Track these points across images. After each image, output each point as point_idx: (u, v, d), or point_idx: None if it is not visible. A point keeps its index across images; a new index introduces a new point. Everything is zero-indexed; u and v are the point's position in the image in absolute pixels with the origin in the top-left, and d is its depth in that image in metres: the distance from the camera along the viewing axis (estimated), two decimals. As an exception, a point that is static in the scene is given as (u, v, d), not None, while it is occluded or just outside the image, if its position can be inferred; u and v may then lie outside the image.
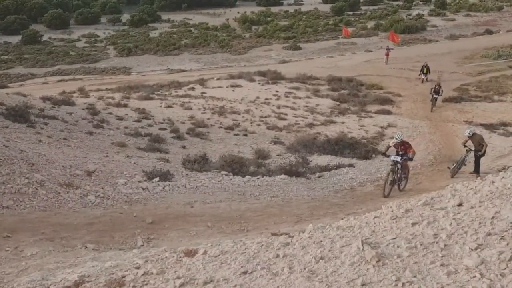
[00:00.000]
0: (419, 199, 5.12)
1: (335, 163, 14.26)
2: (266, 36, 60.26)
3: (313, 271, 3.72)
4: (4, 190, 8.12)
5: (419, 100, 26.16)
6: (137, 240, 7.39)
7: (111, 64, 50.00)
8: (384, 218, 4.69)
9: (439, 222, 4.22)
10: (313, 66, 37.62)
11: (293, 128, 19.43)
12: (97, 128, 15.18)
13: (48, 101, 17.57)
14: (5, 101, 14.63)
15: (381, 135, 18.73)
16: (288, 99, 25.15)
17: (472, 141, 13.46)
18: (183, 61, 50.05)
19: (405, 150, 11.92)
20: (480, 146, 13.37)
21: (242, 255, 4.37)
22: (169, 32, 64.69)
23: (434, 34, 55.99)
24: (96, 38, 62.99)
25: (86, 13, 73.41)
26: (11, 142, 10.46)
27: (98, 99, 21.66)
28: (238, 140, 17.11)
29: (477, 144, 13.36)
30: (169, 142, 15.29)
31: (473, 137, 13.46)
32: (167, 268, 4.46)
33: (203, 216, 8.95)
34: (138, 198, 9.37)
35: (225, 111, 21.32)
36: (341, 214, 9.64)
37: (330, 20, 68.11)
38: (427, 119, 21.96)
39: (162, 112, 20.28)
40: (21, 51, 56.22)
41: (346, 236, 4.36)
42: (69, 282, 4.80)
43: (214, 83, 28.77)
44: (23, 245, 6.45)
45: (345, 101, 25.51)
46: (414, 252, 3.72)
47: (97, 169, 10.23)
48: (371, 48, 49.21)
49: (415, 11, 70.43)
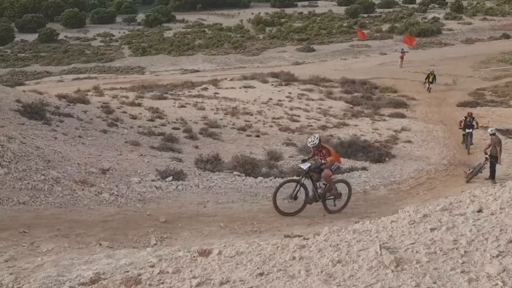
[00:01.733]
0: (437, 204, 5.06)
1: (348, 166, 14.17)
2: (279, 38, 60.28)
3: (331, 275, 3.69)
4: (21, 186, 8.21)
5: (433, 104, 25.94)
6: (151, 238, 7.41)
7: (126, 63, 50.42)
8: (401, 222, 4.64)
9: (458, 228, 4.16)
10: (327, 68, 37.52)
11: (306, 130, 19.35)
12: (111, 127, 15.27)
13: (63, 99, 17.72)
14: (21, 98, 14.79)
15: (395, 138, 18.57)
16: (301, 101, 25.08)
17: (492, 140, 13.61)
18: (197, 61, 50.26)
19: (324, 157, 9.91)
20: (495, 149, 13.38)
21: (258, 256, 4.35)
22: (183, 32, 65.05)
23: (450, 38, 55.50)
24: (111, 38, 63.61)
25: (101, 12, 74.19)
26: (28, 139, 10.56)
27: (113, 98, 21.80)
28: (250, 141, 17.10)
29: (493, 146, 13.43)
30: (182, 142, 15.32)
31: (493, 137, 13.61)
32: (182, 267, 4.46)
33: (216, 216, 8.95)
34: (151, 197, 9.40)
35: (238, 112, 21.32)
36: (354, 217, 9.57)
37: (344, 22, 67.91)
38: (441, 124, 21.75)
39: (175, 111, 20.35)
40: (38, 49, 56.98)
41: (363, 240, 4.32)
42: (84, 278, 4.83)
43: (227, 84, 28.81)
44: (39, 240, 6.50)
45: (358, 103, 25.37)
46: (433, 258, 3.67)
47: (111, 167, 10.29)
48: (385, 51, 48.96)
49: (431, 14, 69.87)
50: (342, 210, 9.98)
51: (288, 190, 9.49)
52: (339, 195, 9.96)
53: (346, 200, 10.08)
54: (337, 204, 9.94)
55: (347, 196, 10.13)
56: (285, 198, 9.41)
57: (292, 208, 9.39)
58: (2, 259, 5.67)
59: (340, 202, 10.00)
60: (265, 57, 51.43)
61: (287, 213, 9.30)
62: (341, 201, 10.00)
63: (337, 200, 9.94)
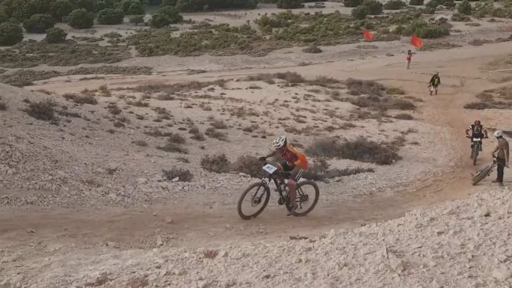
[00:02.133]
0: (444, 208, 5.04)
1: (354, 168, 14.15)
2: (286, 38, 60.30)
3: (337, 278, 3.68)
4: (29, 186, 8.26)
5: (441, 106, 25.82)
6: (157, 239, 7.43)
7: (133, 63, 50.64)
8: (408, 226, 4.62)
9: (466, 232, 4.14)
10: (333, 69, 37.46)
11: (312, 131, 19.34)
12: (118, 127, 15.34)
13: (71, 99, 17.82)
14: (29, 98, 14.88)
15: (402, 140, 18.51)
16: (307, 102, 25.07)
17: (499, 143, 13.58)
18: (203, 62, 50.38)
19: (291, 161, 9.32)
20: (502, 152, 13.34)
21: (264, 258, 4.35)
22: (190, 33, 65.26)
23: (458, 39, 55.27)
24: (119, 38, 63.93)
25: (109, 12, 74.58)
26: (36, 138, 10.63)
27: (119, 98, 21.90)
28: (256, 141, 17.10)
29: (500, 148, 13.38)
30: (188, 142, 15.36)
31: (500, 140, 13.57)
32: (188, 268, 4.47)
33: (222, 217, 8.96)
34: (158, 197, 9.43)
35: (244, 113, 21.34)
36: (360, 219, 9.55)
37: (351, 23, 67.79)
38: (449, 125, 21.65)
39: (181, 112, 20.40)
40: (46, 49, 57.36)
41: (369, 243, 4.31)
42: (91, 279, 4.86)
43: (233, 85, 28.85)
44: (46, 240, 6.54)
45: (365, 105, 25.32)
46: (440, 262, 3.65)
47: (118, 168, 10.33)
48: (392, 52, 48.83)
49: (438, 16, 69.57)
50: (308, 212, 9.65)
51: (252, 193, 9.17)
52: (305, 198, 9.63)
53: (313, 203, 9.76)
54: (303, 207, 9.63)
55: (314, 198, 9.79)
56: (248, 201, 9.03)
57: (252, 211, 9.05)
58: (10, 259, 5.71)
59: (307, 205, 9.67)
60: (271, 57, 51.45)
61: (248, 216, 8.96)
62: (308, 203, 9.68)
63: (303, 203, 9.61)
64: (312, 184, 10.18)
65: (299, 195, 9.53)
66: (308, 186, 9.93)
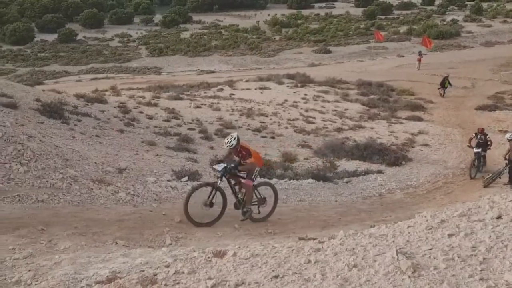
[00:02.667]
0: (455, 210, 5.00)
1: (364, 169, 14.08)
2: (296, 39, 60.26)
3: (346, 279, 3.67)
4: (40, 184, 8.33)
5: (451, 107, 25.63)
6: (166, 238, 7.46)
7: (143, 63, 50.93)
8: (418, 228, 4.60)
9: (477, 234, 4.10)
10: (343, 70, 37.35)
11: (321, 132, 19.29)
12: (128, 126, 15.43)
13: (81, 99, 17.96)
14: (41, 97, 15.02)
15: (412, 142, 18.39)
16: (316, 103, 25.02)
17: (510, 145, 13.33)
18: (213, 62, 50.52)
19: (244, 159, 8.54)
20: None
21: (273, 259, 4.35)
22: (199, 33, 65.46)
23: (469, 40, 54.83)
24: (129, 38, 64.32)
25: (120, 13, 75.06)
26: (47, 137, 10.72)
27: (129, 98, 22.03)
28: (265, 142, 17.10)
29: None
30: (197, 142, 15.40)
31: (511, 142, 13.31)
32: (197, 268, 4.48)
33: (230, 217, 8.93)
34: (167, 197, 9.46)
35: (253, 113, 21.36)
36: (369, 221, 9.51)
37: (361, 24, 67.55)
38: (459, 127, 21.47)
39: (191, 112, 20.47)
40: (57, 49, 57.90)
41: (379, 244, 4.29)
42: (101, 277, 4.88)
43: (242, 85, 28.89)
44: (57, 238, 6.59)
45: (375, 106, 25.19)
46: (451, 264, 3.62)
47: (128, 167, 10.39)
48: (403, 53, 48.59)
49: (450, 17, 69.07)
50: (268, 217, 8.92)
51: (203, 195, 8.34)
52: (263, 201, 8.85)
53: (273, 206, 9.03)
54: (262, 211, 8.84)
55: (273, 201, 9.04)
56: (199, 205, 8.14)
57: (207, 217, 8.18)
58: (21, 256, 5.76)
59: (266, 209, 8.91)
60: (281, 58, 51.44)
61: (201, 223, 8.09)
62: (267, 207, 8.93)
63: (262, 207, 8.84)
64: (269, 184, 9.49)
65: (256, 198, 8.78)
66: (266, 187, 9.16)
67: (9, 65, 51.24)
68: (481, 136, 14.75)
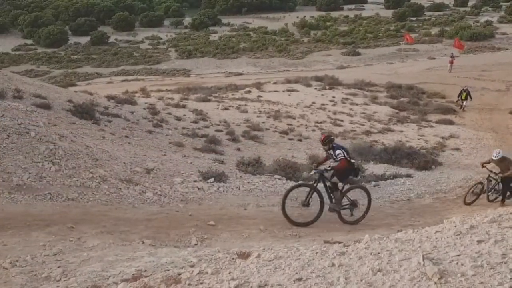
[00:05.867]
0: (485, 216, 4.86)
1: (392, 173, 13.85)
2: (324, 41, 59.88)
3: (370, 284, 3.61)
4: (70, 183, 8.55)
5: (484, 111, 24.95)
6: (192, 238, 7.53)
7: (172, 66, 51.58)
8: (446, 233, 4.48)
9: (507, 241, 3.97)
10: (372, 72, 36.88)
11: (349, 135, 19.10)
12: (157, 128, 15.65)
13: (112, 100, 18.34)
14: (73, 98, 15.43)
15: (442, 145, 18.00)
16: (344, 105, 24.80)
17: (500, 166, 11.32)
18: (241, 64, 50.72)
19: None
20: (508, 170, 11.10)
21: (297, 261, 4.32)
22: (228, 36, 65.85)
23: (504, 42, 53.25)
24: (159, 40, 65.30)
25: (150, 16, 76.36)
26: (78, 137, 11.00)
27: (158, 100, 22.36)
28: (292, 144, 17.05)
29: (505, 169, 11.16)
30: (224, 144, 15.48)
31: (501, 162, 11.20)
32: (221, 268, 4.50)
33: (256, 219, 8.98)
34: (193, 198, 9.55)
35: (280, 115, 21.33)
36: (397, 225, 9.35)
37: (391, 25, 66.58)
38: (493, 131, 20.89)
39: (218, 114, 20.61)
40: (89, 52, 59.32)
41: (405, 249, 4.20)
42: (127, 275, 4.98)
43: (270, 87, 28.89)
44: (86, 236, 6.75)
45: (404, 109, 24.79)
46: (480, 271, 3.52)
47: (155, 167, 10.54)
48: (434, 55, 47.63)
49: (484, 18, 67.30)
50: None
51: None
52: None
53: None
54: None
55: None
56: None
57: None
58: (51, 252, 5.93)
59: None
60: (309, 60, 51.20)
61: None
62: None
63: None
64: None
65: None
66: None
67: (43, 67, 52.79)
68: None
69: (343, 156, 8.94)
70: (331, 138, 9.31)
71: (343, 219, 9.17)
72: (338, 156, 8.94)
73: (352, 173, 9.34)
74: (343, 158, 8.93)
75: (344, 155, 8.98)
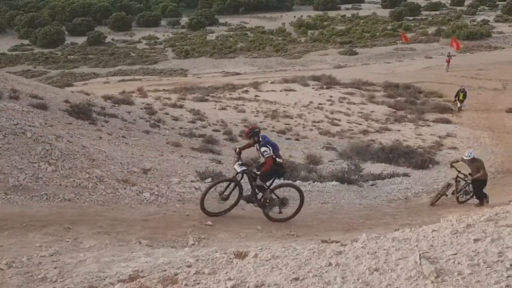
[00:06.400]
0: (482, 214, 4.86)
1: (389, 172, 13.87)
2: (321, 41, 59.96)
3: (367, 283, 3.61)
4: (67, 183, 8.52)
5: (481, 110, 25.00)
6: (189, 239, 7.51)
7: (169, 65, 51.54)
8: (443, 232, 4.49)
9: (504, 240, 3.98)
10: (369, 71, 36.94)
11: (346, 134, 19.11)
12: (154, 128, 15.62)
13: (109, 100, 18.30)
14: (70, 98, 15.38)
15: (439, 144, 18.02)
16: (342, 105, 24.81)
17: (470, 167, 11.11)
18: (238, 64, 50.71)
19: None
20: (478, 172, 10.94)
21: (294, 261, 4.32)
22: (225, 35, 65.85)
23: (501, 41, 53.41)
24: (156, 40, 65.27)
25: (147, 15, 76.30)
26: (74, 138, 10.96)
27: (156, 100, 22.33)
28: (289, 144, 17.04)
29: (476, 170, 10.97)
30: (221, 144, 15.47)
31: (472, 163, 11.01)
32: (218, 268, 4.49)
33: (253, 218, 8.96)
34: (190, 198, 9.52)
35: (278, 115, 21.33)
36: (394, 224, 9.36)
37: (388, 25, 66.73)
38: (489, 130, 20.93)
39: (216, 114, 20.59)
40: (86, 52, 59.25)
41: (402, 248, 4.20)
42: (123, 275, 4.96)
43: (267, 87, 28.89)
44: (82, 237, 6.72)
45: (401, 108, 24.81)
46: (476, 270, 3.52)
47: (152, 167, 10.51)
48: (431, 55, 47.72)
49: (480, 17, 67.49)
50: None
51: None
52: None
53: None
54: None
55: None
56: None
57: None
58: (48, 253, 5.90)
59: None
60: (306, 60, 51.24)
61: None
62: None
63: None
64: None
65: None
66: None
67: (40, 67, 52.69)
68: None
69: (269, 154, 8.40)
70: (256, 131, 8.73)
71: (270, 217, 8.81)
72: (264, 154, 8.43)
73: (276, 174, 8.77)
74: (269, 157, 8.41)
75: (271, 153, 8.44)
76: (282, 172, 8.99)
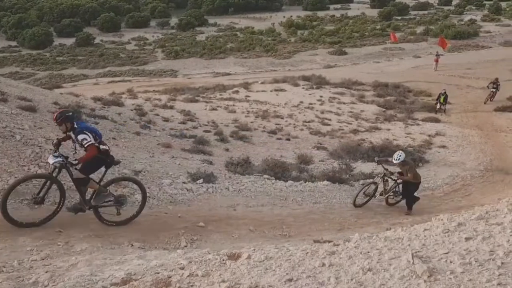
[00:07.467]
0: (473, 213, 4.91)
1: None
2: (311, 41, 60.11)
3: (361, 283, 3.63)
4: (57, 186, 8.41)
5: (469, 109, 25.25)
6: (181, 240, 7.48)
7: (159, 66, 51.32)
8: (435, 231, 4.53)
9: (495, 238, 4.02)
10: (359, 71, 37.13)
11: (337, 134, 19.19)
12: (144, 129, 15.55)
13: (98, 102, 18.19)
14: (59, 100, 15.26)
15: (429, 143, 18.16)
16: (332, 104, 24.92)
17: (402, 170, 10.92)
18: (228, 64, 50.65)
19: None
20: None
21: (287, 262, 4.33)
22: (215, 36, 65.75)
23: (488, 40, 53.97)
24: (145, 41, 64.96)
25: (136, 16, 75.94)
26: (64, 140, 10.85)
27: (146, 101, 22.24)
28: (280, 144, 17.07)
29: (405, 173, 10.80)
30: (212, 145, 15.45)
31: (403, 166, 10.77)
32: (211, 270, 4.48)
33: (245, 219, 8.97)
34: (182, 199, 9.50)
35: (269, 115, 21.36)
36: (385, 223, 9.43)
37: (377, 25, 67.12)
38: (478, 129, 21.14)
39: (206, 114, 20.56)
40: (75, 53, 58.77)
41: (394, 248, 4.23)
42: (116, 279, 4.92)
43: (258, 87, 28.92)
44: (74, 240, 6.66)
45: (391, 107, 24.99)
46: (468, 268, 3.56)
47: (143, 169, 10.47)
48: (419, 54, 48.07)
49: (467, 16, 68.17)
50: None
51: None
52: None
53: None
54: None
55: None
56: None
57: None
58: (39, 257, 5.84)
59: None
60: (296, 60, 51.33)
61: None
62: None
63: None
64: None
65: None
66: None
67: (28, 69, 52.16)
68: None
69: (90, 142, 6.89)
70: (68, 115, 7.03)
71: (103, 220, 7.37)
72: (83, 142, 6.91)
73: (103, 164, 7.30)
74: (90, 145, 6.90)
75: (92, 141, 6.94)
76: (111, 161, 7.35)
